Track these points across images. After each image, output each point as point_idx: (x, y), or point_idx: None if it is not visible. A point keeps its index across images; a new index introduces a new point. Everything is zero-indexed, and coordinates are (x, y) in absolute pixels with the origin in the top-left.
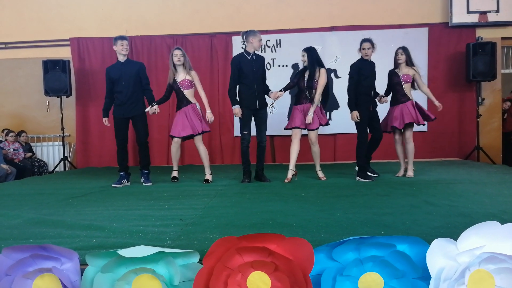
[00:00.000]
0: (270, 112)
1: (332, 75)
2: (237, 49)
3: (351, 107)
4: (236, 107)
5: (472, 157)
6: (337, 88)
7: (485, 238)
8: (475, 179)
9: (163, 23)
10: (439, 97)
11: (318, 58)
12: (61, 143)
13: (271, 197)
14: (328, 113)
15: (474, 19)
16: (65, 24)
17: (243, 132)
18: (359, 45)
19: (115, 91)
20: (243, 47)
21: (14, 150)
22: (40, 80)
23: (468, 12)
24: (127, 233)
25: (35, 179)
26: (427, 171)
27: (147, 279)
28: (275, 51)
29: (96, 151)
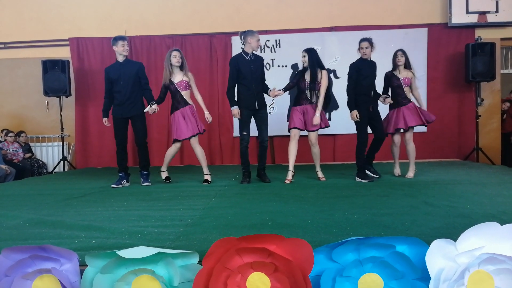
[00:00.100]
0: (269, 112)
1: (331, 76)
2: (236, 50)
3: (350, 107)
4: (234, 108)
5: (471, 157)
6: (336, 88)
7: (484, 239)
8: (474, 180)
9: (163, 23)
10: (439, 97)
11: (318, 59)
12: (61, 143)
13: (270, 198)
14: (327, 114)
15: (473, 19)
16: (65, 24)
17: (242, 132)
18: (358, 44)
19: (114, 91)
20: (242, 47)
21: (13, 150)
22: (39, 80)
23: (467, 12)
24: (127, 233)
25: (35, 179)
26: (426, 172)
27: (147, 280)
28: (275, 51)
29: (95, 152)
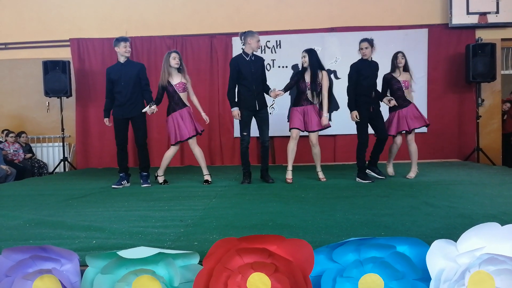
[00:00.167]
0: (270, 113)
1: (332, 76)
2: (237, 50)
3: (350, 108)
4: (234, 109)
5: (472, 158)
6: (337, 89)
7: (485, 239)
8: (475, 180)
9: (163, 23)
10: (439, 98)
11: (318, 60)
12: (61, 144)
13: (271, 198)
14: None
15: (474, 20)
16: (65, 24)
17: (242, 133)
18: (358, 45)
19: (114, 92)
20: (242, 48)
21: (14, 151)
22: (40, 80)
23: (468, 13)
24: (127, 234)
25: (35, 180)
26: (427, 172)
27: (147, 280)
28: (275, 52)
29: (96, 152)
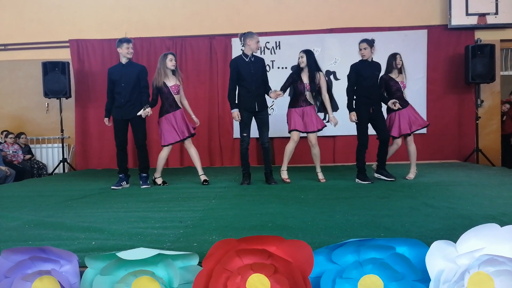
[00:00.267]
0: (270, 114)
1: (331, 77)
2: (236, 51)
3: (349, 108)
4: (234, 111)
5: (471, 159)
6: (336, 90)
7: (484, 240)
8: (474, 181)
9: (163, 24)
10: (438, 98)
11: (316, 61)
12: (61, 145)
13: (270, 199)
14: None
15: (473, 21)
16: (65, 25)
17: (242, 134)
18: (358, 46)
19: (114, 92)
20: (242, 49)
21: (13, 152)
22: (39, 81)
23: (467, 14)
24: (126, 235)
25: (34, 181)
26: (426, 173)
27: (147, 281)
28: (275, 53)
29: (95, 153)
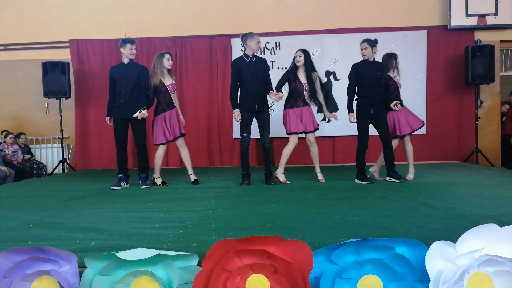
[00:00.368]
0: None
1: (331, 78)
2: (236, 51)
3: (348, 108)
4: (235, 111)
5: (470, 159)
6: (336, 90)
7: (484, 240)
8: (473, 182)
9: (163, 25)
10: (438, 99)
11: (312, 61)
12: (60, 145)
13: (270, 200)
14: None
15: (473, 22)
16: (65, 25)
17: (242, 134)
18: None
19: (115, 92)
20: (242, 50)
21: (13, 152)
22: (39, 81)
23: (467, 15)
24: (126, 235)
25: (34, 181)
26: (425, 174)
27: (146, 281)
28: (275, 54)
29: (95, 153)
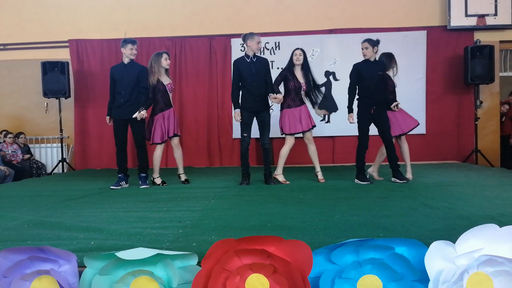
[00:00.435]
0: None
1: (330, 78)
2: (236, 51)
3: (348, 109)
4: (236, 111)
5: (470, 159)
6: (335, 90)
7: (483, 240)
8: (473, 182)
9: (163, 25)
10: (438, 99)
11: (308, 62)
12: (60, 144)
13: (269, 200)
14: (327, 116)
15: (472, 22)
16: (64, 25)
17: (243, 134)
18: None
19: (115, 92)
20: (242, 50)
21: (12, 151)
22: (38, 81)
23: (466, 15)
24: (125, 235)
25: (33, 180)
26: (425, 174)
27: (146, 281)
28: (274, 54)
29: (94, 153)
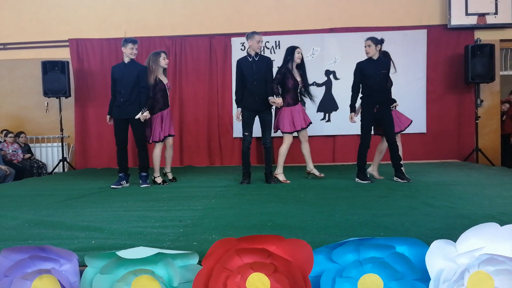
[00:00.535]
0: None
1: (331, 77)
2: (236, 50)
3: (350, 108)
4: (237, 110)
5: (471, 158)
6: (336, 89)
7: (484, 239)
8: (474, 181)
9: (163, 24)
10: (438, 98)
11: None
12: (60, 144)
13: (270, 199)
14: (327, 115)
15: (472, 21)
16: (64, 25)
17: (244, 133)
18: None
19: (115, 91)
20: (242, 49)
21: (13, 151)
22: (39, 81)
23: (466, 14)
24: (126, 234)
25: (34, 180)
26: (426, 173)
27: (146, 280)
28: (274, 53)
29: (95, 152)
